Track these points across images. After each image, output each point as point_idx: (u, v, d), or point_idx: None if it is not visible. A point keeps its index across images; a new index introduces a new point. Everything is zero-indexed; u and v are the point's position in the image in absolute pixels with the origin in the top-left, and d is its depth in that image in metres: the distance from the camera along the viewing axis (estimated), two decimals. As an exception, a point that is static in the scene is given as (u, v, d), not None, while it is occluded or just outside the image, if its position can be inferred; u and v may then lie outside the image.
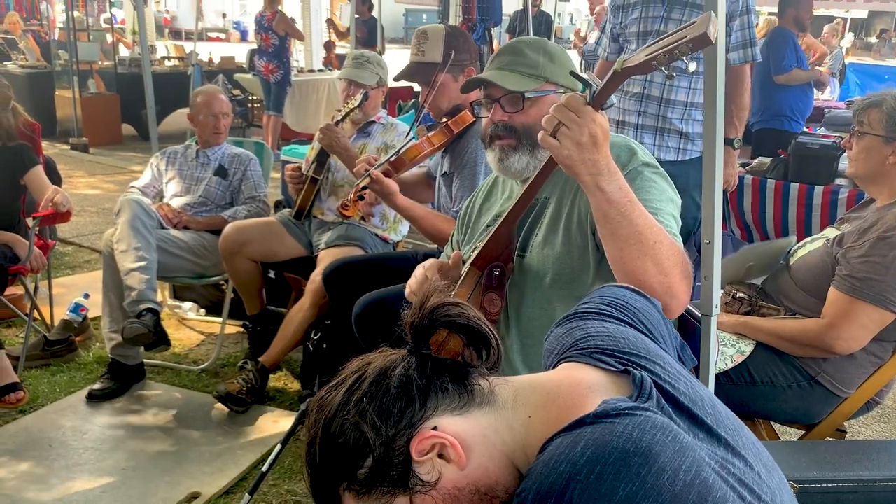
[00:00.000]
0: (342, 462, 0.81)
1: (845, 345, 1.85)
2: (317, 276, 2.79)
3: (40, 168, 3.11)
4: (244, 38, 22.74)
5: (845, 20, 14.58)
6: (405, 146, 2.38)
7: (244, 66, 9.29)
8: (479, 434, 0.82)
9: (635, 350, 0.91)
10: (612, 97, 1.27)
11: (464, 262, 1.66)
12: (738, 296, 2.10)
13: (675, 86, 2.73)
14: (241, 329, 3.38)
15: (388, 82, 3.09)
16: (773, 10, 6.21)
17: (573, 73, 1.47)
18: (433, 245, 4.28)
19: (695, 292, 1.50)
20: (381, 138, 3.00)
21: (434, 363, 0.86)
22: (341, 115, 2.80)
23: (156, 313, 2.77)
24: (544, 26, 8.49)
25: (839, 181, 3.44)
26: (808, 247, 2.06)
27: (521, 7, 7.02)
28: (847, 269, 1.85)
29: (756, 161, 3.84)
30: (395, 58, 9.33)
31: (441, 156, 2.48)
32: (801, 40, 5.31)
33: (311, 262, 2.97)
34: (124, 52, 10.16)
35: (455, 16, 6.27)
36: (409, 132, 2.59)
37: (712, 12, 1.16)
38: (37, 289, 3.26)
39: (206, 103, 3.29)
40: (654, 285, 1.26)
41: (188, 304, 3.71)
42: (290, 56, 7.68)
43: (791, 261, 2.08)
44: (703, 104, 1.56)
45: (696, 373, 1.62)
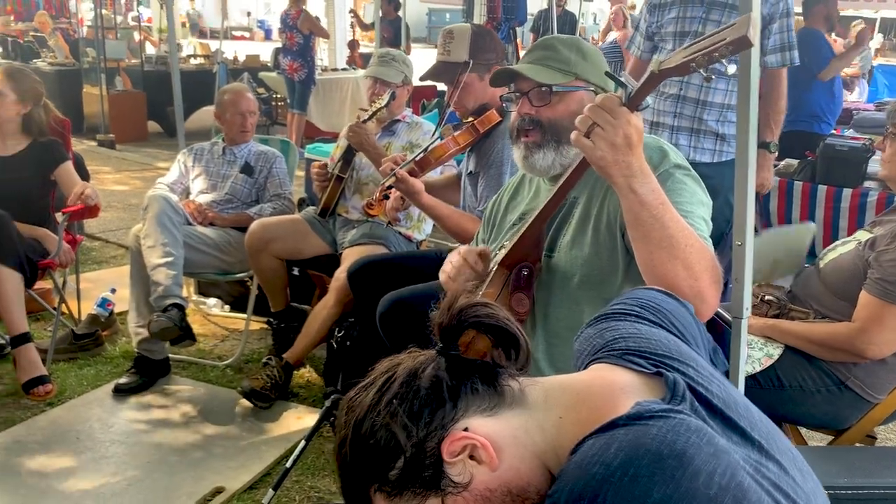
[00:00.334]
0: (373, 463, 0.82)
1: (877, 349, 1.83)
2: (341, 274, 2.80)
3: (70, 164, 3.16)
4: (268, 36, 22.87)
5: (874, 21, 14.36)
6: (431, 145, 2.38)
7: (269, 64, 9.35)
8: (509, 435, 0.82)
9: (667, 352, 0.90)
10: (648, 98, 1.26)
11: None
12: (766, 298, 2.08)
13: (712, 88, 2.70)
14: (266, 325, 3.41)
15: (413, 81, 3.10)
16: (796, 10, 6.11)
17: (608, 74, 1.47)
18: (454, 244, 4.29)
19: (724, 294, 1.49)
20: (406, 137, 3.00)
21: (464, 364, 0.86)
22: (368, 113, 2.80)
23: (182, 309, 2.80)
24: (568, 26, 8.46)
25: (868, 184, 3.39)
26: (839, 249, 2.03)
27: (546, 6, 7.01)
28: (879, 273, 1.83)
29: (783, 163, 3.80)
30: (419, 57, 9.34)
31: (466, 155, 2.48)
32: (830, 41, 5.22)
33: (336, 259, 2.99)
34: (150, 49, 10.28)
35: (480, 15, 6.27)
36: (434, 131, 2.60)
37: (753, 15, 1.15)
38: (65, 283, 3.30)
39: (233, 102, 3.32)
40: (683, 289, 1.25)
41: (213, 300, 3.74)
42: (314, 55, 7.72)
43: (821, 263, 2.05)
44: (737, 108, 1.55)
45: (726, 376, 1.61)
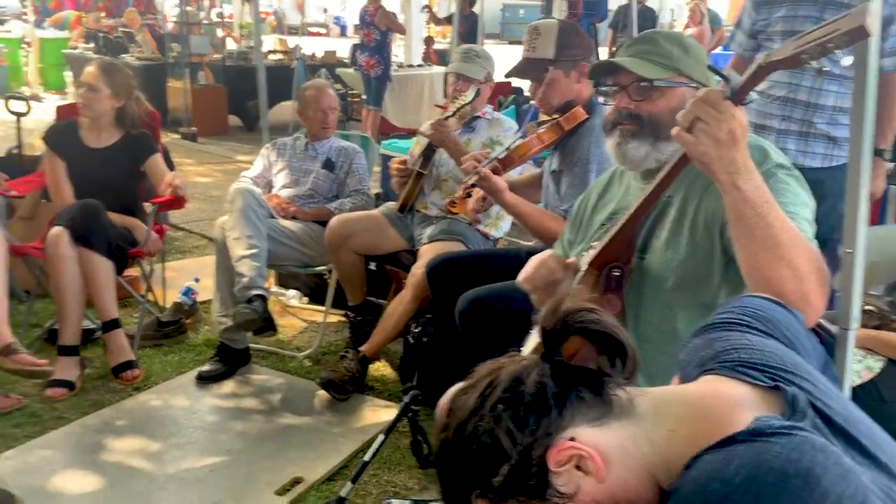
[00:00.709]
0: (476, 468, 0.80)
1: None
2: (418, 270, 2.81)
3: (159, 156, 3.25)
4: (343, 32, 23.20)
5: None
6: (514, 143, 2.36)
7: (345, 60, 9.47)
8: (617, 446, 0.80)
9: (783, 364, 0.86)
10: (752, 93, 1.21)
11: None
12: (866, 308, 1.98)
13: (823, 90, 2.56)
14: (342, 318, 3.45)
15: (494, 77, 3.08)
16: None
17: (710, 68, 1.42)
18: (529, 242, 4.26)
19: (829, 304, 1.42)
20: (487, 133, 2.98)
21: (569, 371, 0.84)
22: (452, 110, 2.80)
23: (264, 300, 2.85)
24: (648, 21, 8.27)
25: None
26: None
27: (626, 2, 6.87)
28: None
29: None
30: (493, 53, 9.31)
31: (551, 153, 2.45)
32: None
33: (413, 255, 3.00)
34: (230, 45, 10.54)
35: (560, 11, 6.19)
36: (519, 129, 2.57)
37: (870, 3, 1.08)
38: (152, 271, 3.40)
39: (315, 98, 3.36)
40: (788, 292, 1.19)
41: (292, 292, 3.80)
42: (390, 51, 7.78)
43: (929, 273, 1.94)
44: (851, 109, 1.47)
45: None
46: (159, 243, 3.24)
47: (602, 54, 6.29)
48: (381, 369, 3.07)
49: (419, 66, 9.14)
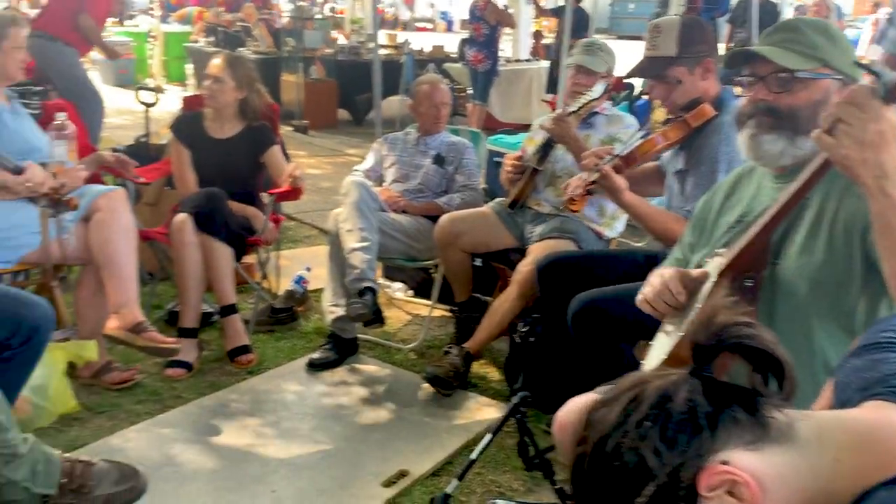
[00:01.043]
0: (618, 487, 0.76)
1: None
2: (524, 267, 2.78)
3: (278, 147, 3.35)
4: (450, 28, 23.32)
5: None
6: (638, 140, 2.28)
7: (453, 55, 9.51)
8: (775, 474, 0.74)
9: None
10: None
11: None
12: None
13: None
14: (447, 313, 3.45)
15: (615, 72, 3.00)
16: None
17: (858, 63, 1.32)
18: (639, 243, 4.13)
19: None
20: (606, 130, 2.91)
21: (722, 389, 0.79)
22: (576, 105, 2.74)
23: (374, 292, 2.89)
24: (769, 16, 7.89)
25: None
26: None
27: (748, -5, 6.58)
28: None
29: None
30: (603, 48, 9.17)
31: (675, 152, 2.36)
32: None
33: (520, 252, 2.96)
34: (340, 40, 10.77)
35: (678, 5, 5.99)
36: (641, 126, 2.49)
37: None
38: (267, 259, 3.51)
39: (428, 93, 3.37)
40: None
41: (397, 285, 3.84)
42: (498, 46, 7.75)
43: None
44: None
45: None
46: (275, 232, 3.34)
47: (720, 50, 6.03)
48: (484, 367, 3.06)
49: (527, 60, 9.06)
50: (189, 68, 10.64)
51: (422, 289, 3.77)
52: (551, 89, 7.97)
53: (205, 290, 3.02)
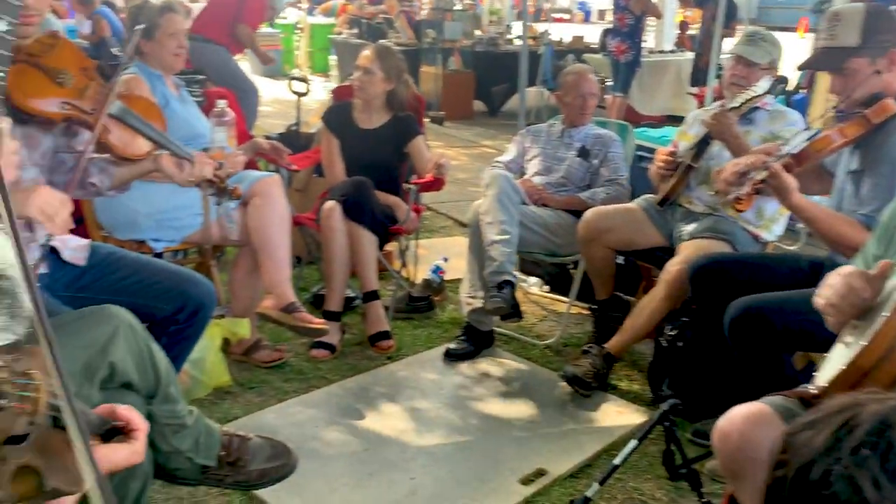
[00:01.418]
0: None
1: None
2: (673, 266, 2.65)
3: (422, 138, 3.38)
4: (587, 18, 22.86)
5: None
6: (804, 138, 2.12)
7: (593, 45, 9.30)
8: None
9: None
10: None
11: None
12: None
13: None
14: (584, 311, 3.37)
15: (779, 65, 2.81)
16: None
17: None
18: (792, 247, 3.87)
19: None
20: (767, 127, 2.73)
21: None
22: (739, 101, 2.58)
23: (513, 286, 2.86)
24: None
25: None
26: None
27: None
28: None
29: None
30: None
31: (850, 151, 2.17)
32: None
33: (668, 251, 2.84)
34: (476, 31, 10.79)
35: (846, -9, 5.55)
36: (807, 125, 2.31)
37: None
38: (407, 248, 3.56)
39: (576, 83, 3.30)
40: None
41: (533, 279, 3.80)
42: (642, 36, 7.50)
43: None
44: None
45: None
46: (416, 222, 3.37)
47: None
48: (625, 369, 2.96)
49: (671, 51, 8.73)
50: (332, 59, 10.99)
51: (557, 284, 3.70)
52: (695, 81, 7.64)
53: (349, 276, 3.09)
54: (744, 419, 1.42)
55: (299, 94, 4.48)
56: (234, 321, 2.73)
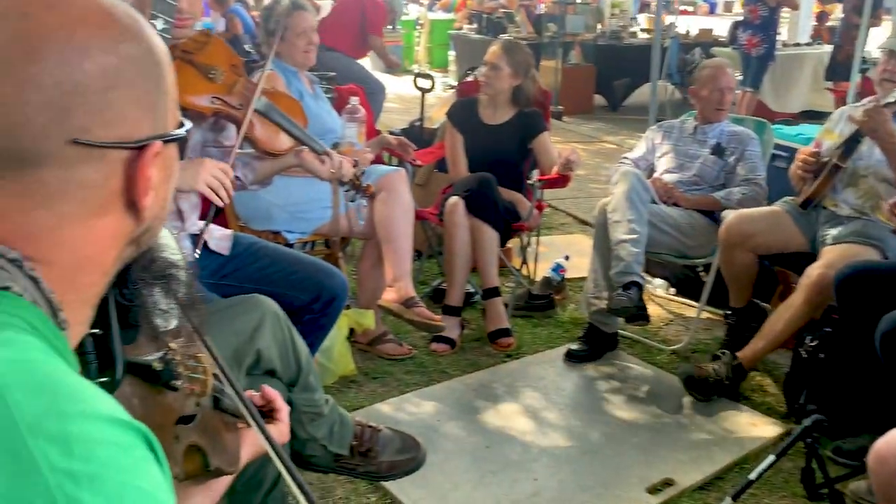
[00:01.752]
0: None
1: None
2: (814, 271, 2.50)
3: (547, 134, 3.34)
4: (713, 10, 22.00)
5: None
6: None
7: (721, 38, 8.93)
8: None
9: None
10: None
11: None
12: None
13: None
14: (713, 316, 3.24)
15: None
16: None
17: None
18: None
19: None
20: (927, 125, 2.52)
21: None
22: (894, 96, 2.40)
23: (640, 287, 2.77)
24: None
25: None
26: None
27: None
28: None
29: None
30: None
31: None
32: None
33: (808, 256, 2.67)
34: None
35: None
36: None
37: None
38: (528, 245, 3.53)
39: (713, 77, 3.16)
40: None
41: (659, 281, 3.68)
42: (776, 29, 7.11)
43: None
44: None
45: None
46: (538, 219, 3.34)
47: None
48: (759, 379, 2.81)
49: (807, 44, 8.25)
50: (451, 55, 11.06)
51: (684, 287, 3.57)
52: (831, 75, 7.19)
53: (470, 271, 3.09)
54: None
55: (424, 91, 4.52)
56: (359, 312, 2.79)
